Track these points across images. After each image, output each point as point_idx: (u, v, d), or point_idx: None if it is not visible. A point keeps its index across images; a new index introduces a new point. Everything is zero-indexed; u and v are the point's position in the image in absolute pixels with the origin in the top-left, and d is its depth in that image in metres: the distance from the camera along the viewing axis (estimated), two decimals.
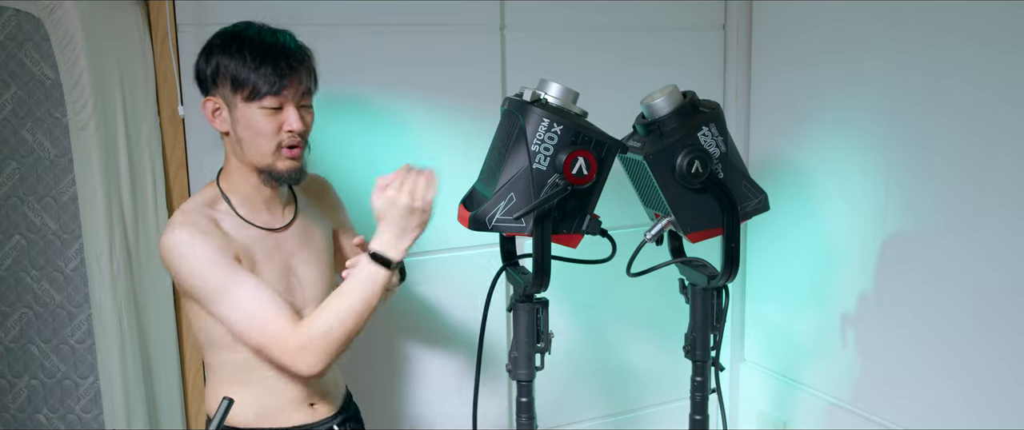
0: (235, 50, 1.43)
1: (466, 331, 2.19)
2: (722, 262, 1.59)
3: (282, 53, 1.44)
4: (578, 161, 1.42)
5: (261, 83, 1.41)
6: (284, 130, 1.45)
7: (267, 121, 1.44)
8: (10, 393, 1.72)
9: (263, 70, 1.41)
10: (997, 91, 1.74)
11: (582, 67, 2.22)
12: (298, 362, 1.39)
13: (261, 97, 1.42)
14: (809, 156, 2.23)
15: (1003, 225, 1.75)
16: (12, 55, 1.62)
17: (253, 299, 1.41)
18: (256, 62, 1.41)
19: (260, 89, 1.41)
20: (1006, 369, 1.77)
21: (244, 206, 1.51)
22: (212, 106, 1.47)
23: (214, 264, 1.41)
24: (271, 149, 1.45)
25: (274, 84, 1.42)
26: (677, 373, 2.29)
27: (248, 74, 1.41)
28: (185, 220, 1.43)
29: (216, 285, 1.41)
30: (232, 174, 1.51)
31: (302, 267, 1.56)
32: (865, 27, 2.02)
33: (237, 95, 1.43)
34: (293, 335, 1.39)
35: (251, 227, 1.50)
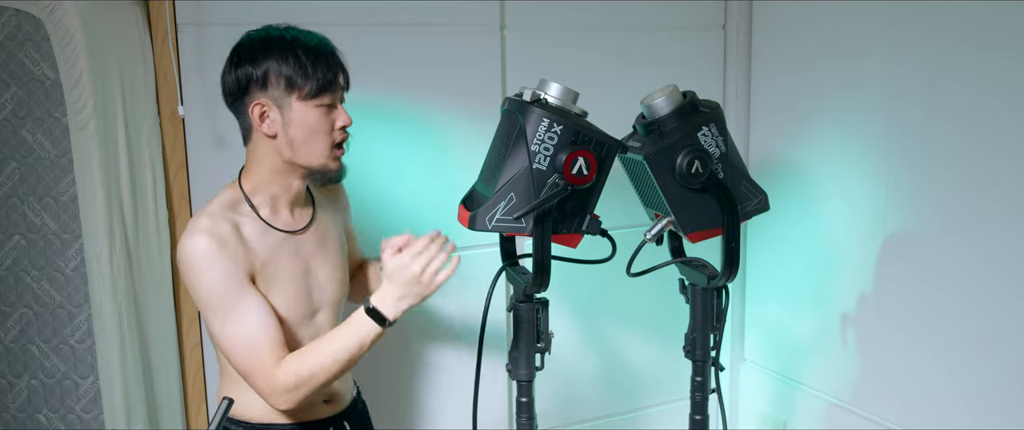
0: (287, 50, 1.44)
1: (466, 331, 2.19)
2: (722, 262, 1.59)
3: (330, 51, 1.47)
4: (578, 161, 1.42)
5: (318, 80, 1.43)
6: (337, 127, 1.48)
7: (323, 119, 1.46)
8: (10, 393, 1.72)
9: (318, 68, 1.44)
10: (997, 92, 1.74)
11: (582, 67, 2.22)
12: (277, 399, 1.43)
13: (318, 94, 1.44)
14: (809, 156, 2.23)
15: (1003, 226, 1.75)
16: (12, 55, 1.62)
17: (251, 329, 1.42)
18: (310, 61, 1.44)
19: (317, 86, 1.43)
20: (1005, 369, 1.77)
21: (267, 207, 1.51)
22: (260, 109, 1.45)
23: (225, 284, 1.42)
24: (327, 148, 1.47)
25: (330, 81, 1.45)
26: (677, 373, 2.29)
27: (304, 72, 1.43)
28: (209, 227, 1.43)
29: (221, 305, 1.42)
30: (262, 175, 1.49)
31: (320, 269, 1.57)
32: (865, 27, 2.02)
33: (292, 95, 1.44)
34: (279, 373, 1.42)
35: (272, 231, 1.50)
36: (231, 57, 1.48)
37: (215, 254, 1.41)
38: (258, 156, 1.49)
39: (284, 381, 1.41)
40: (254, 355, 1.42)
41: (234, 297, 1.42)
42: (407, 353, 2.17)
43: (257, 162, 1.50)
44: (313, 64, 1.43)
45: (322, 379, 1.43)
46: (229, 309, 1.42)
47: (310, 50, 1.44)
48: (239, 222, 1.47)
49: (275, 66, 1.43)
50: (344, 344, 1.43)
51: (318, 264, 1.57)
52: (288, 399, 1.42)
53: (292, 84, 1.43)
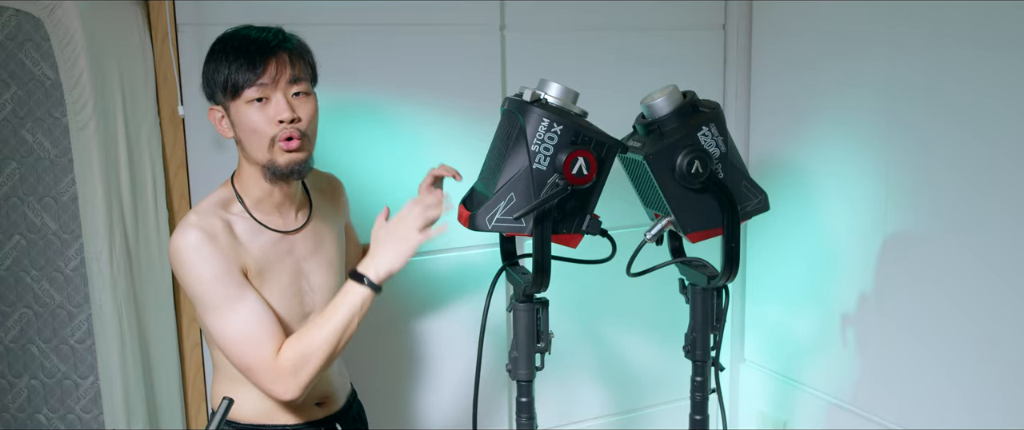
0: (217, 52, 1.42)
1: (466, 331, 2.19)
2: (722, 262, 1.59)
3: (255, 45, 1.41)
4: (578, 161, 1.42)
5: (237, 76, 1.40)
6: (274, 121, 1.41)
7: (257, 115, 1.41)
8: (10, 393, 1.72)
9: (236, 63, 1.40)
10: (996, 92, 1.74)
11: (582, 67, 2.22)
12: (282, 387, 1.41)
13: (240, 91, 1.40)
14: (809, 156, 2.23)
15: (1003, 226, 1.75)
16: (12, 55, 1.62)
17: (248, 321, 1.41)
18: (231, 57, 1.41)
19: (238, 82, 1.40)
20: (1005, 369, 1.77)
21: (257, 208, 1.50)
22: (218, 115, 1.46)
23: (217, 278, 1.40)
24: (266, 144, 1.42)
25: (248, 74, 1.40)
26: (677, 373, 2.29)
27: (225, 71, 1.40)
28: (199, 222, 1.42)
29: (215, 300, 1.41)
30: (244, 176, 1.50)
31: (314, 272, 1.56)
32: (865, 27, 2.02)
33: (227, 97, 1.42)
34: (280, 361, 1.40)
35: (264, 230, 1.49)
36: None
37: (205, 249, 1.40)
38: (241, 161, 1.50)
39: (286, 366, 1.39)
40: (252, 348, 1.40)
41: (227, 290, 1.40)
42: (407, 353, 2.17)
43: (241, 167, 1.51)
44: (236, 61, 1.40)
45: (322, 357, 1.41)
46: (223, 303, 1.40)
47: (237, 48, 1.41)
48: (230, 220, 1.47)
49: (209, 72, 1.43)
50: (338, 316, 1.42)
51: (312, 267, 1.56)
52: (294, 385, 1.40)
53: (223, 87, 1.41)
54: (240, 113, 1.42)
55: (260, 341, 1.40)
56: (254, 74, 1.39)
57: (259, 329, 1.41)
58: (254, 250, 1.47)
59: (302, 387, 1.41)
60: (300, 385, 1.41)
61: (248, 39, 1.42)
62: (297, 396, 1.41)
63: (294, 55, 1.44)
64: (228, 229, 1.45)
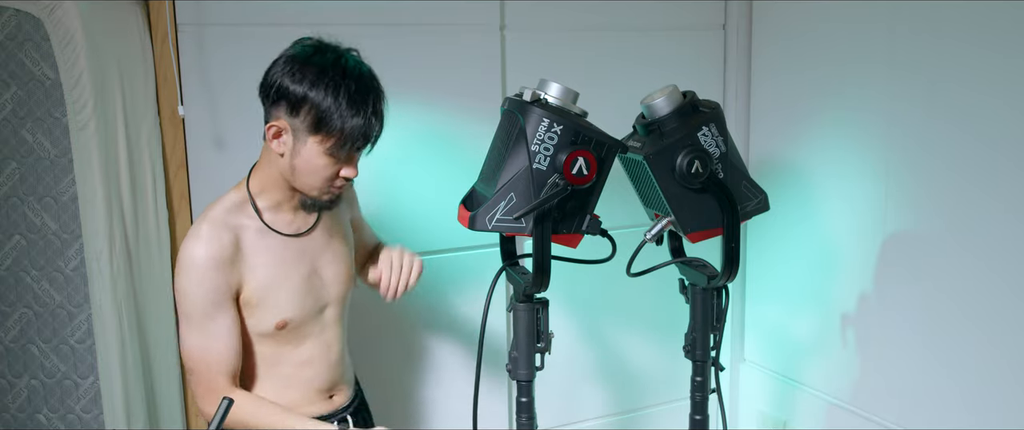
0: (330, 89, 1.37)
1: (466, 331, 2.19)
2: (722, 262, 1.59)
3: (374, 111, 1.41)
4: (578, 161, 1.42)
5: (347, 139, 1.39)
6: (340, 175, 1.45)
7: (329, 166, 1.43)
8: (10, 393, 1.72)
9: (354, 125, 1.38)
10: (997, 92, 1.74)
11: (582, 67, 2.22)
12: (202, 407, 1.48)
13: (341, 151, 1.41)
14: (809, 156, 2.23)
15: (1003, 226, 1.75)
16: (12, 55, 1.62)
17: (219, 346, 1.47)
18: (351, 113, 1.38)
19: (342, 144, 1.39)
20: (1006, 369, 1.77)
21: (271, 211, 1.51)
22: (276, 129, 1.42)
23: (206, 300, 1.45)
24: (319, 187, 1.46)
25: (359, 145, 1.41)
26: (677, 373, 2.29)
27: (338, 124, 1.37)
28: (209, 236, 1.44)
29: (195, 315, 1.46)
30: (268, 179, 1.50)
31: (326, 268, 1.58)
32: (865, 27, 2.02)
33: (314, 135, 1.39)
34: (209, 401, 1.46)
35: (274, 235, 1.51)
36: (286, 61, 1.41)
37: (208, 270, 1.44)
38: (269, 159, 1.49)
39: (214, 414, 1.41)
40: (208, 369, 1.46)
41: (207, 313, 1.45)
42: (407, 353, 2.17)
43: (267, 164, 1.50)
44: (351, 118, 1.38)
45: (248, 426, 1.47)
46: (201, 323, 1.46)
47: (355, 102, 1.38)
48: (242, 228, 1.48)
49: (313, 101, 1.37)
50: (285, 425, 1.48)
51: (324, 263, 1.58)
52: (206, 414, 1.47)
53: (320, 127, 1.38)
54: (312, 151, 1.41)
55: (216, 363, 1.47)
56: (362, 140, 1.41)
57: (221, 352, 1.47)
58: (261, 259, 1.49)
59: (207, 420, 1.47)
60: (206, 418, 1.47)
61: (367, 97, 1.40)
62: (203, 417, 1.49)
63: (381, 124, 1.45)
64: (236, 243, 1.47)
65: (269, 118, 1.44)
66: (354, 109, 1.38)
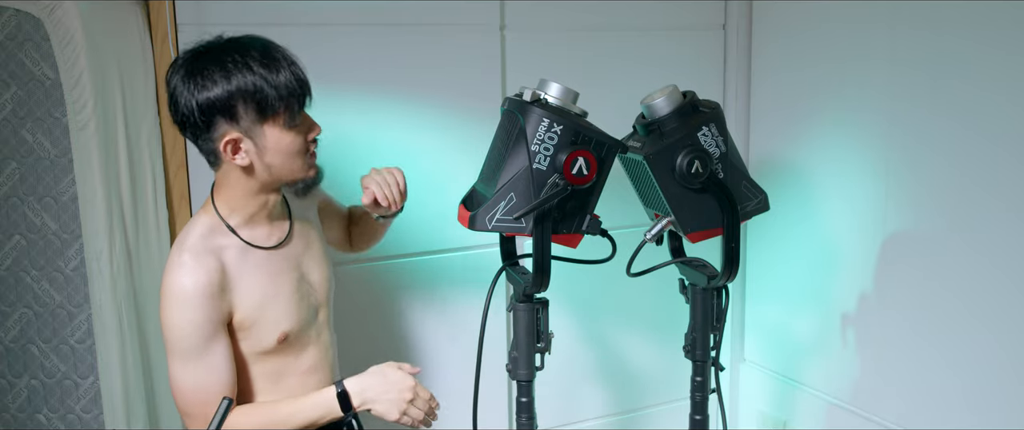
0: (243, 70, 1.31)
1: (466, 331, 2.19)
2: (722, 262, 1.59)
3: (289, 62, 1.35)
4: (578, 161, 1.42)
5: (291, 101, 1.34)
6: (310, 139, 1.41)
7: (296, 138, 1.38)
8: (10, 393, 1.72)
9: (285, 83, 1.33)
10: (998, 91, 1.74)
11: (582, 67, 2.22)
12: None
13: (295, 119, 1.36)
14: (809, 156, 2.23)
15: (1004, 225, 1.75)
16: (12, 55, 1.62)
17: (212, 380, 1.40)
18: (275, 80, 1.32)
19: (291, 109, 1.34)
20: (1006, 369, 1.77)
21: (246, 228, 1.45)
22: (233, 145, 1.35)
23: (194, 332, 1.38)
24: (303, 163, 1.42)
25: (301, 99, 1.36)
26: (677, 373, 2.29)
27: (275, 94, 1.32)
28: (193, 266, 1.37)
29: (183, 350, 1.39)
30: (234, 199, 1.43)
31: (312, 271, 1.56)
32: (865, 27, 2.02)
33: (265, 124, 1.35)
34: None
35: (254, 250, 1.46)
36: (183, 79, 1.33)
37: (194, 300, 1.37)
38: (229, 181, 1.42)
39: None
40: (203, 403, 1.40)
41: (201, 346, 1.39)
42: (407, 353, 2.17)
43: (229, 187, 1.42)
44: (280, 85, 1.32)
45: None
46: (192, 355, 1.39)
47: (270, 66, 1.32)
48: (222, 249, 1.42)
49: (240, 90, 1.31)
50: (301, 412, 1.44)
51: (309, 267, 1.56)
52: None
53: (263, 111, 1.33)
54: (274, 136, 1.36)
55: (209, 398, 1.40)
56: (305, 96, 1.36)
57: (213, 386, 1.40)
58: (250, 278, 1.44)
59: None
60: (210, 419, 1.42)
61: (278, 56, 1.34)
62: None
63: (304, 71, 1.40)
64: (221, 269, 1.41)
65: (211, 141, 1.36)
66: (274, 70, 1.33)
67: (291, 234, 1.54)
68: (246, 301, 1.44)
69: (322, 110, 1.56)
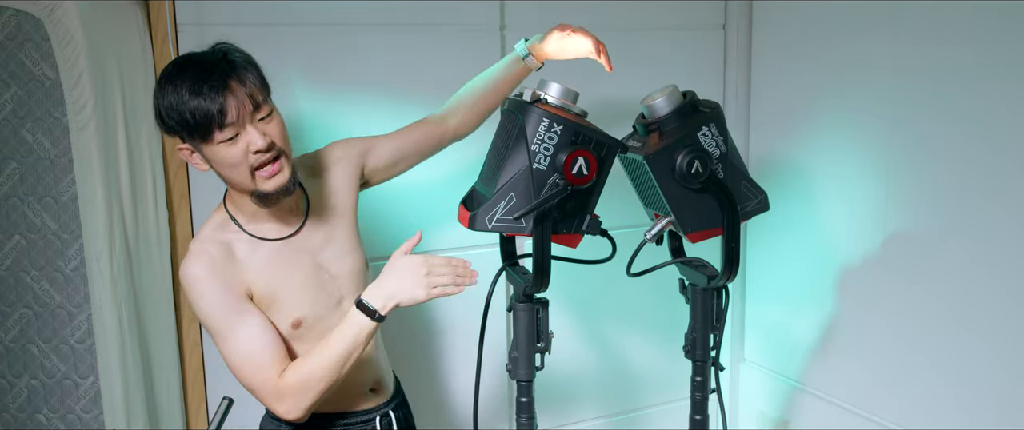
0: (169, 94, 1.36)
1: (466, 331, 2.19)
2: (722, 262, 1.58)
3: (207, 83, 1.34)
4: (578, 161, 1.42)
5: (202, 121, 1.34)
6: (250, 152, 1.39)
7: (233, 151, 1.38)
8: (10, 393, 1.72)
9: (194, 104, 1.33)
10: (997, 94, 1.74)
11: (582, 67, 2.22)
12: (284, 407, 1.44)
13: (210, 136, 1.36)
14: (809, 156, 2.23)
15: (1003, 227, 1.75)
16: (12, 55, 1.62)
17: (253, 344, 1.44)
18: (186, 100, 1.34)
19: (206, 128, 1.35)
20: (1005, 370, 1.77)
21: (253, 223, 1.50)
22: (188, 152, 1.43)
23: (220, 306, 1.44)
24: (248, 175, 1.41)
25: (211, 120, 1.34)
26: (677, 373, 2.29)
27: (187, 115, 1.34)
28: (200, 251, 1.45)
29: (219, 327, 1.44)
30: (237, 197, 1.50)
31: (333, 262, 1.57)
32: (865, 28, 2.02)
33: (195, 140, 1.38)
34: (282, 382, 1.43)
35: (265, 243, 1.50)
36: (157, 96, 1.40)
37: (207, 280, 1.43)
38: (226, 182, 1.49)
39: (288, 388, 1.43)
40: (257, 370, 1.44)
41: (231, 318, 1.44)
42: (407, 353, 2.16)
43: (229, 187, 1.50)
44: (194, 104, 1.33)
45: (325, 383, 1.44)
46: (226, 329, 1.44)
47: (192, 89, 1.34)
48: (231, 241, 1.48)
49: (168, 115, 1.37)
50: (341, 346, 1.44)
51: (329, 258, 1.56)
52: (295, 407, 1.43)
53: (190, 132, 1.36)
54: (214, 152, 1.39)
55: (261, 364, 1.44)
56: (217, 116, 1.34)
57: (260, 353, 1.44)
58: (259, 265, 1.48)
59: (304, 409, 1.44)
60: (302, 408, 1.44)
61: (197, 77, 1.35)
62: (299, 417, 1.45)
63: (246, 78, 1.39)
64: (228, 253, 1.46)
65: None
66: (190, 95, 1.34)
67: (304, 227, 1.54)
68: (259, 282, 1.48)
69: (322, 110, 1.57)
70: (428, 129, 1.74)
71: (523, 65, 1.73)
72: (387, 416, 1.65)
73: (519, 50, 1.73)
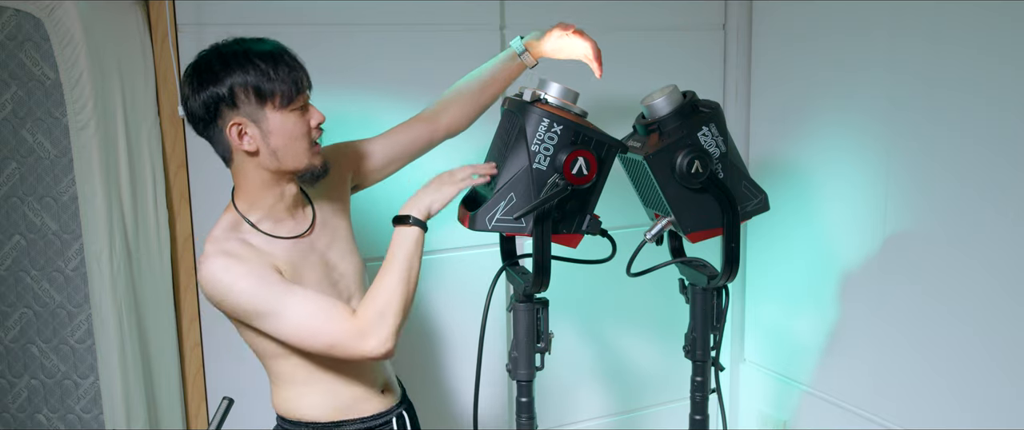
0: (247, 63, 1.40)
1: (466, 331, 2.19)
2: (722, 262, 1.59)
3: (286, 54, 1.43)
4: (578, 161, 1.42)
5: (288, 85, 1.41)
6: (314, 126, 1.45)
7: (301, 122, 1.43)
8: (10, 393, 1.72)
9: (282, 73, 1.40)
10: (997, 93, 1.74)
11: (582, 67, 2.22)
12: (373, 343, 1.40)
13: (292, 100, 1.41)
14: (809, 156, 2.23)
15: (1003, 227, 1.75)
16: (12, 55, 1.62)
17: (306, 307, 1.41)
18: (273, 67, 1.40)
19: (289, 92, 1.41)
20: (1004, 370, 1.77)
21: (267, 221, 1.49)
22: (238, 128, 1.41)
23: (259, 284, 1.40)
24: (307, 148, 1.45)
25: (298, 84, 1.42)
26: (677, 373, 2.29)
27: (272, 82, 1.39)
28: (216, 248, 1.42)
29: (266, 304, 1.40)
30: (252, 192, 1.47)
31: (339, 261, 1.57)
32: (865, 28, 2.02)
33: (266, 106, 1.40)
34: (356, 325, 1.41)
35: (279, 241, 1.49)
36: (190, 81, 1.42)
37: (235, 267, 1.40)
38: (244, 173, 1.46)
39: (367, 322, 1.40)
40: (326, 321, 1.41)
41: (275, 289, 1.40)
42: (407, 353, 2.16)
43: (245, 180, 1.47)
44: (276, 70, 1.40)
45: (399, 301, 1.42)
46: (276, 302, 1.40)
47: (268, 57, 1.41)
48: (246, 239, 1.46)
49: (240, 81, 1.39)
50: (399, 260, 1.44)
51: (335, 257, 1.56)
52: (383, 335, 1.40)
53: (262, 95, 1.40)
54: (285, 122, 1.41)
55: (330, 313, 1.41)
56: (302, 82, 1.43)
57: (322, 305, 1.42)
58: (279, 256, 1.47)
59: (392, 335, 1.41)
60: (389, 334, 1.41)
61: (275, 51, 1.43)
62: (391, 346, 1.41)
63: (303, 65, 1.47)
64: (246, 245, 1.45)
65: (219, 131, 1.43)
66: (271, 61, 1.41)
67: (313, 226, 1.55)
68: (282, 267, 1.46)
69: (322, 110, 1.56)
70: (419, 128, 1.73)
71: (518, 62, 1.72)
72: (402, 417, 1.64)
73: (515, 47, 1.72)
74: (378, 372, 1.59)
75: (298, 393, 1.52)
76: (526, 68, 1.73)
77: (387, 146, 1.70)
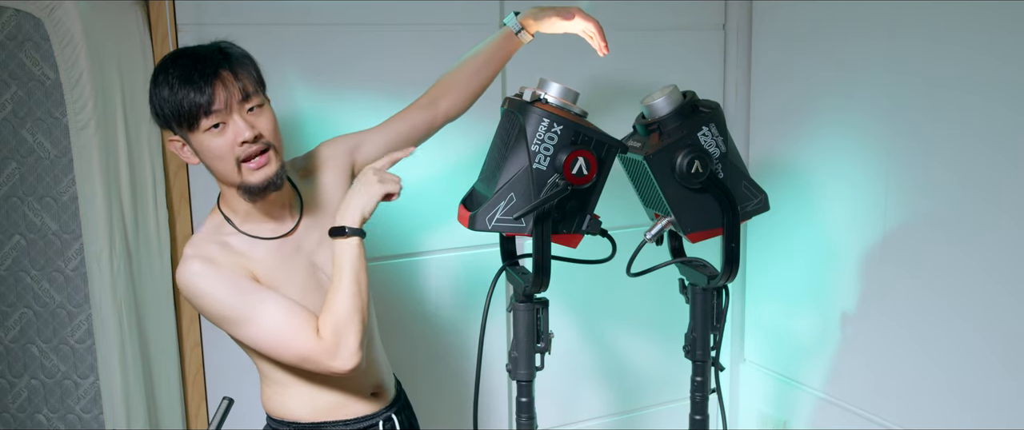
0: (160, 83, 1.37)
1: (466, 331, 2.19)
2: (722, 262, 1.58)
3: (198, 71, 1.35)
4: (578, 161, 1.42)
5: (188, 107, 1.35)
6: (237, 144, 1.38)
7: (219, 141, 1.37)
8: (10, 393, 1.73)
9: (183, 92, 1.34)
10: (997, 93, 1.74)
11: (582, 67, 2.22)
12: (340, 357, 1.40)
13: (196, 122, 1.36)
14: (809, 156, 2.23)
15: (1003, 226, 1.75)
16: (12, 55, 1.62)
17: (277, 317, 1.41)
18: (176, 87, 1.35)
19: (191, 113, 1.35)
20: (1004, 369, 1.77)
21: (248, 223, 1.48)
22: (178, 144, 1.42)
23: (231, 291, 1.40)
24: (234, 168, 1.40)
25: (198, 104, 1.35)
26: (677, 373, 2.29)
27: (174, 103, 1.35)
28: (195, 252, 1.42)
29: (238, 312, 1.40)
30: (227, 195, 1.48)
31: (328, 264, 1.54)
32: (865, 28, 2.02)
33: (183, 128, 1.38)
34: (321, 345, 1.40)
35: (262, 241, 1.48)
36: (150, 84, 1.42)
37: (210, 273, 1.40)
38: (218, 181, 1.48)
39: (329, 339, 1.40)
40: (294, 337, 1.40)
41: (247, 299, 1.40)
42: (407, 353, 2.17)
43: (221, 186, 1.48)
44: (182, 91, 1.34)
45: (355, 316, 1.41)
46: (250, 310, 1.40)
47: (181, 77, 1.35)
48: (226, 241, 1.46)
49: (157, 104, 1.38)
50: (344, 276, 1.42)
51: (325, 258, 1.54)
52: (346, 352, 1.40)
53: (177, 119, 1.36)
54: (201, 142, 1.38)
55: (297, 328, 1.40)
56: (205, 103, 1.35)
57: (292, 319, 1.41)
58: (258, 259, 1.46)
59: (355, 350, 1.41)
60: (352, 350, 1.40)
61: (188, 66, 1.36)
62: (357, 360, 1.41)
63: (239, 71, 1.39)
64: (225, 249, 1.44)
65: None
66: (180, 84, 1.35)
67: (298, 226, 1.53)
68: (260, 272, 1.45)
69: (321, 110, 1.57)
70: (418, 115, 1.71)
71: (515, 40, 1.70)
72: (390, 420, 1.63)
73: (510, 24, 1.69)
74: (365, 377, 1.58)
75: (281, 392, 1.52)
76: (522, 45, 1.71)
77: (387, 136, 1.68)
